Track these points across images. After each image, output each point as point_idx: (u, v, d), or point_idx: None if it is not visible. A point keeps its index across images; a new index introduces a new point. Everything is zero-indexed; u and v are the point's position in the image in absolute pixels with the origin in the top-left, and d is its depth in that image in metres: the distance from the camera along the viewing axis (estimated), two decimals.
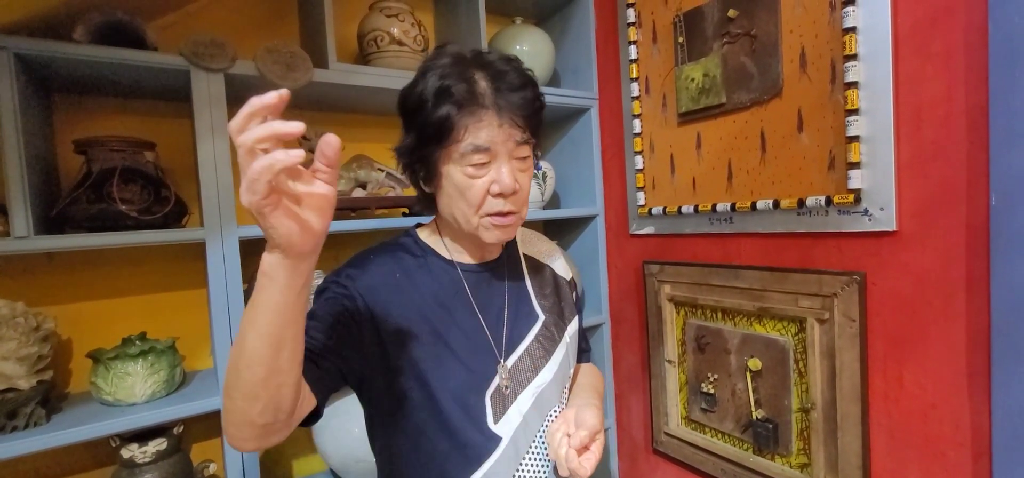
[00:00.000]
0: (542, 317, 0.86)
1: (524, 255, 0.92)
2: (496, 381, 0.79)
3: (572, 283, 0.97)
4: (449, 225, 0.81)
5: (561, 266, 0.97)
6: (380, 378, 0.75)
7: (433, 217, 0.86)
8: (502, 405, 0.79)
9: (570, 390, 0.91)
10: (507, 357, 0.81)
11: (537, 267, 0.92)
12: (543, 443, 0.81)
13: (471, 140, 0.70)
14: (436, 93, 0.70)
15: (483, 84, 0.71)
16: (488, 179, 0.72)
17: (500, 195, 0.73)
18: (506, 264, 0.87)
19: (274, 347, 0.54)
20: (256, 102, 0.44)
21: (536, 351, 0.83)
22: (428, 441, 0.76)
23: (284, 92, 0.44)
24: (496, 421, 0.78)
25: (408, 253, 0.82)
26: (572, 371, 0.90)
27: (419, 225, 0.88)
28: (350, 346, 0.71)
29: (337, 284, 0.74)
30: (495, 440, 0.77)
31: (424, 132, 0.73)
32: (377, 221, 1.25)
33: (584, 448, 0.72)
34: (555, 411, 0.84)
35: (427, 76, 0.72)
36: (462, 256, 0.83)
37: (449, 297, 0.80)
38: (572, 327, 0.91)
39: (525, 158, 0.75)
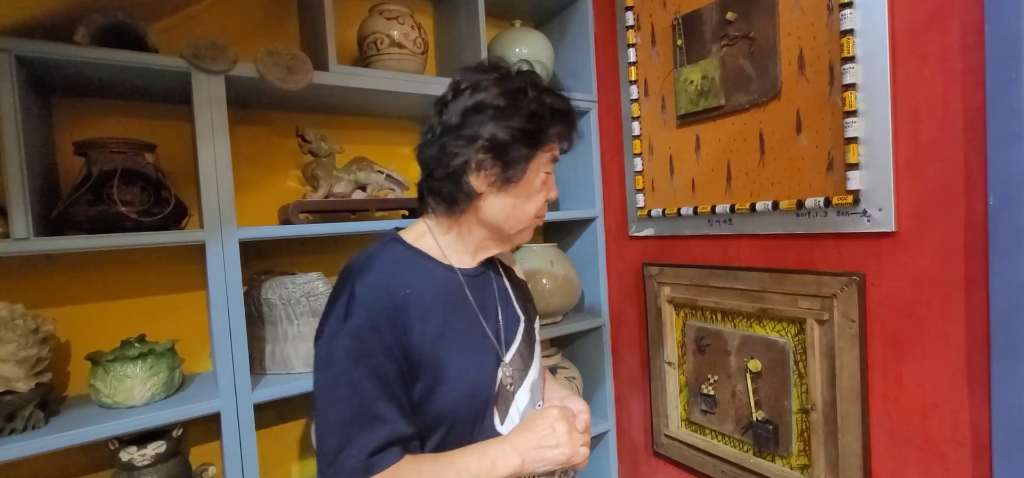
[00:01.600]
0: (523, 317, 0.90)
1: (498, 259, 0.93)
2: (499, 378, 0.81)
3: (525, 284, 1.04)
4: (471, 229, 0.82)
5: (519, 270, 1.03)
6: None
7: (422, 221, 0.85)
8: (505, 404, 0.81)
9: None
10: (506, 355, 0.84)
11: (508, 271, 0.95)
12: None
13: (555, 149, 0.82)
14: (552, 109, 0.79)
15: (568, 103, 0.82)
16: (548, 188, 0.84)
17: (546, 202, 0.84)
18: (491, 268, 0.89)
19: None
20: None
21: (524, 350, 0.87)
22: (446, 449, 0.77)
23: None
24: (502, 421, 0.80)
25: (407, 263, 0.79)
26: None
27: (399, 230, 0.85)
28: (410, 395, 0.75)
29: (364, 352, 0.71)
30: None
31: (527, 132, 0.77)
32: (377, 223, 1.25)
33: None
34: (539, 404, 0.88)
35: (529, 90, 0.78)
36: (460, 260, 0.83)
37: (454, 302, 0.80)
38: (537, 324, 0.97)
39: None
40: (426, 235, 0.83)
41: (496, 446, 0.75)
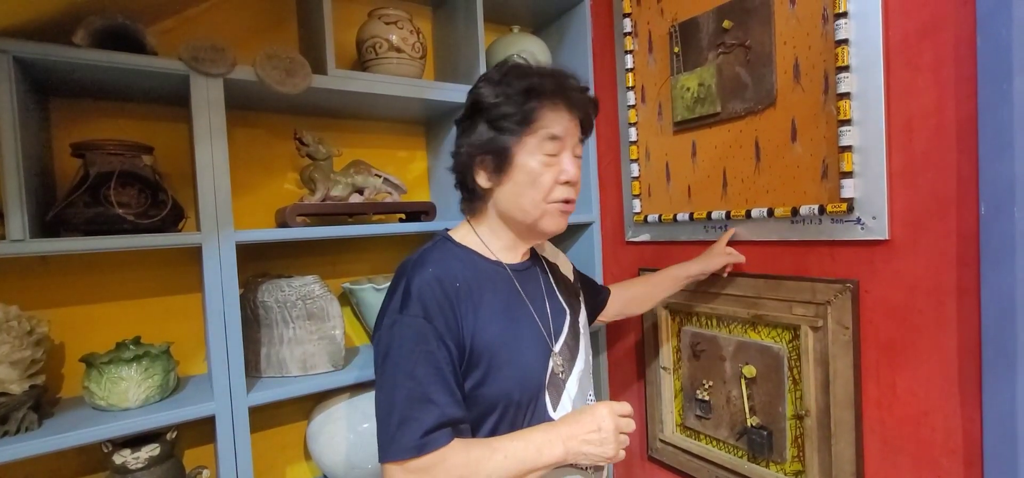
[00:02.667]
0: (568, 311, 0.94)
1: (543, 256, 1.00)
2: (551, 367, 0.85)
3: (576, 277, 1.10)
4: (499, 222, 0.87)
5: (566, 267, 1.06)
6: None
7: (465, 221, 0.92)
8: (557, 392, 0.85)
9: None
10: (555, 345, 0.88)
11: (553, 267, 1.00)
12: None
13: (549, 128, 0.80)
14: (525, 90, 0.80)
15: (559, 81, 0.82)
16: (557, 169, 0.82)
17: (567, 183, 0.82)
18: (536, 264, 0.94)
19: None
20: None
21: (570, 341, 0.91)
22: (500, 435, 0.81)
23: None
24: (554, 408, 0.84)
25: (455, 258, 0.85)
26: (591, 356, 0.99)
27: (448, 230, 0.92)
28: (461, 381, 0.79)
29: (419, 338, 0.76)
30: None
31: (506, 121, 0.81)
32: (374, 226, 1.25)
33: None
34: (590, 396, 0.91)
35: (509, 78, 0.82)
36: (505, 255, 0.89)
37: (506, 294, 0.85)
38: (582, 318, 1.01)
39: (578, 156, 0.85)
40: (470, 233, 0.90)
41: (542, 433, 0.77)
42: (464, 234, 0.90)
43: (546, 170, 0.82)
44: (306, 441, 1.28)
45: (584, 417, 0.79)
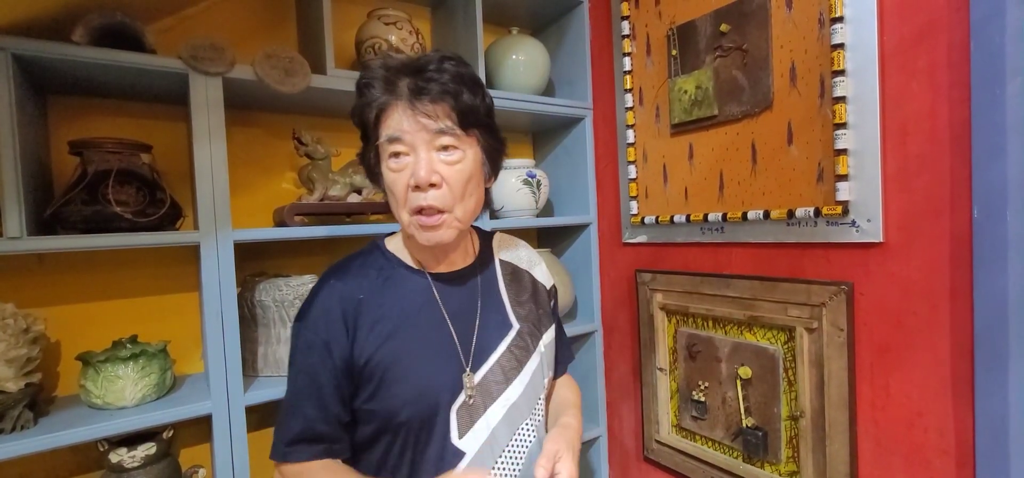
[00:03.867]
0: (516, 326, 0.84)
1: (501, 261, 0.90)
2: (463, 394, 0.77)
3: (552, 291, 0.95)
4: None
5: (542, 273, 0.94)
6: (352, 401, 0.77)
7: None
8: (469, 418, 0.77)
9: (546, 403, 0.90)
10: (475, 368, 0.79)
11: (515, 273, 0.90)
12: (511, 457, 0.80)
13: (385, 132, 0.72)
14: (358, 91, 0.76)
15: (400, 78, 0.72)
16: (408, 173, 0.71)
17: (417, 188, 0.70)
18: (479, 271, 0.85)
19: None
20: None
21: (507, 362, 0.81)
22: (395, 457, 0.76)
23: None
24: (461, 435, 0.76)
25: (373, 268, 0.81)
26: (546, 381, 0.88)
27: (388, 235, 0.87)
28: (344, 399, 0.76)
29: (306, 348, 0.76)
30: (458, 455, 0.76)
31: (363, 134, 0.78)
32: (371, 226, 1.25)
33: None
34: (527, 424, 0.82)
35: (359, 87, 0.77)
36: (430, 264, 0.82)
37: (416, 308, 0.78)
38: (548, 336, 0.89)
39: (449, 148, 0.71)
40: (399, 241, 0.85)
41: None
42: (396, 241, 0.84)
43: (396, 176, 0.72)
44: None
45: None
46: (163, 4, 1.17)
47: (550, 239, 1.76)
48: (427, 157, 0.71)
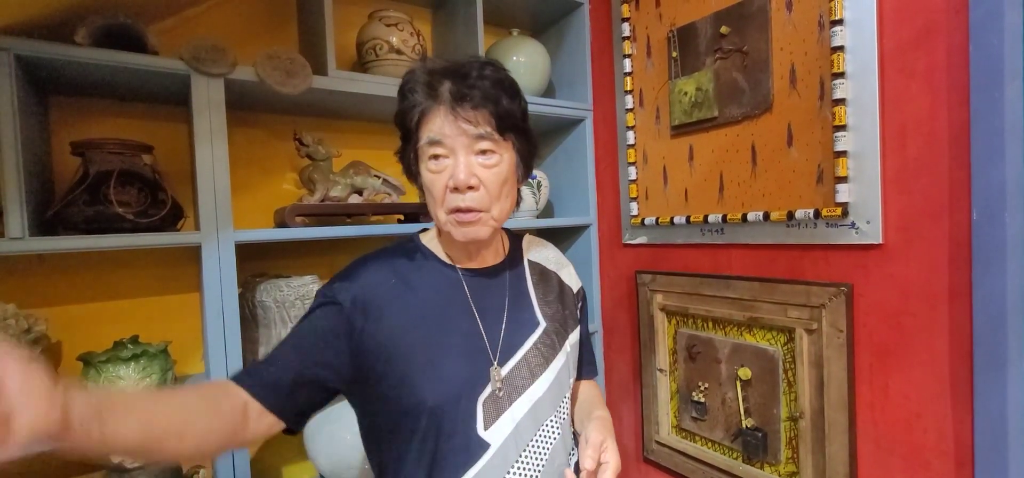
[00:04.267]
0: (543, 324, 0.86)
1: (529, 261, 0.93)
2: (490, 386, 0.78)
3: (579, 294, 0.97)
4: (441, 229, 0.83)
5: (569, 276, 0.96)
6: (371, 385, 0.76)
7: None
8: (495, 411, 0.78)
9: (571, 404, 0.91)
10: (503, 362, 0.80)
11: (543, 274, 0.92)
12: (535, 452, 0.80)
13: (426, 134, 0.74)
14: (400, 95, 0.78)
15: (443, 82, 0.74)
16: (447, 174, 0.74)
17: (455, 190, 0.73)
18: (509, 269, 0.88)
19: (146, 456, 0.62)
20: None
21: (534, 358, 0.83)
22: (417, 445, 0.76)
23: None
24: (487, 427, 0.77)
25: (406, 257, 0.84)
26: (571, 381, 0.89)
27: (424, 230, 0.90)
28: (329, 362, 0.75)
29: (325, 300, 0.77)
30: (483, 446, 0.76)
31: (403, 135, 0.80)
32: (373, 227, 1.25)
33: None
34: (551, 421, 0.83)
35: (402, 91, 0.79)
36: (462, 260, 0.84)
37: (446, 300, 0.81)
38: (573, 337, 0.91)
39: (487, 152, 0.74)
40: (435, 237, 0.87)
41: None
42: (431, 237, 0.87)
43: (435, 178, 0.75)
44: (303, 441, 1.28)
45: None
46: (165, 5, 1.18)
47: (550, 240, 1.76)
48: (466, 160, 0.73)
